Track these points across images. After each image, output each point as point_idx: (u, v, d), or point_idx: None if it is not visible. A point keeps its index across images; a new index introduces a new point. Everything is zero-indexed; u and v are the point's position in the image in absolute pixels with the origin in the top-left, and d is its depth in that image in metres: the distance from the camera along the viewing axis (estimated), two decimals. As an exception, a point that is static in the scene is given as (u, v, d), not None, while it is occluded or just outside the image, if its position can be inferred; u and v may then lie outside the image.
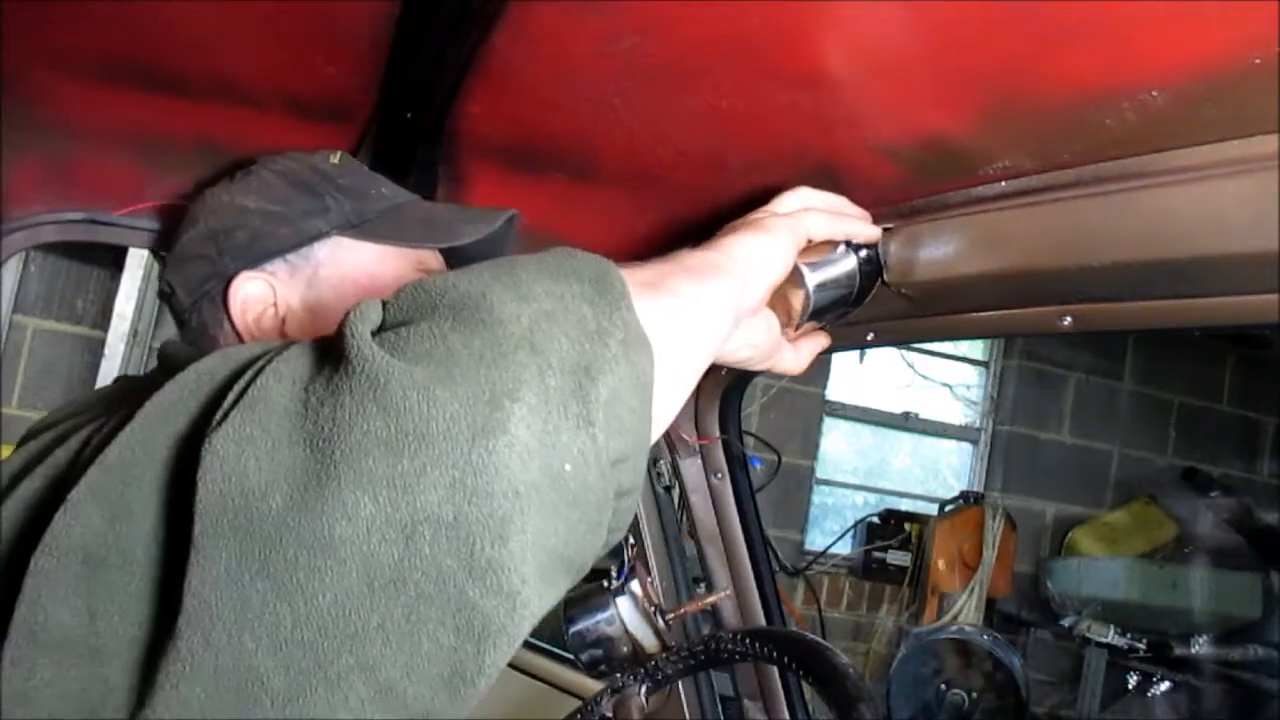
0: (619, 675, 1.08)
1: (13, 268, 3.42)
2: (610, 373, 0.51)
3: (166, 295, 0.92)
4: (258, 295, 0.86)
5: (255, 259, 0.86)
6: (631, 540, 1.42)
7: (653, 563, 1.46)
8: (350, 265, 0.88)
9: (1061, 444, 5.28)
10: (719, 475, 1.39)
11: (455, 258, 0.94)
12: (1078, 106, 0.68)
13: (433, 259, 0.93)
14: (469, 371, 0.46)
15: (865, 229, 0.89)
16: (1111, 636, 4.22)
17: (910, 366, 5.25)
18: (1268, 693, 4.04)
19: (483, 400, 0.45)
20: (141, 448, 0.50)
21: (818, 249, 0.86)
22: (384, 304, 0.53)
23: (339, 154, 0.94)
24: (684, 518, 1.49)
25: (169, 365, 0.80)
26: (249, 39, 0.88)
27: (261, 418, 0.46)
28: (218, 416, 0.47)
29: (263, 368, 0.49)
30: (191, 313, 0.89)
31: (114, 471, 0.49)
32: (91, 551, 0.48)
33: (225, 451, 0.45)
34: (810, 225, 0.83)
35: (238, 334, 0.85)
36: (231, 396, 0.48)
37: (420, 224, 0.91)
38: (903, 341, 2.51)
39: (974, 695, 3.99)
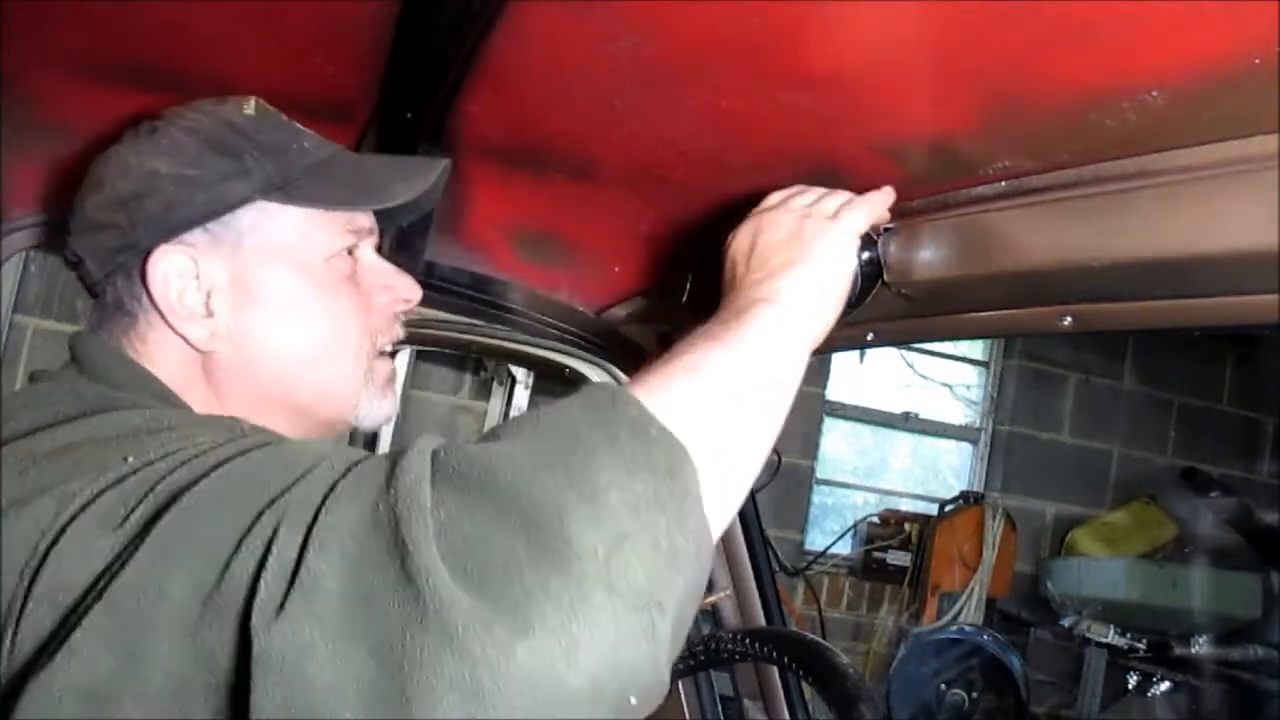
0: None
1: (13, 268, 3.42)
2: (679, 595, 0.51)
3: (73, 264, 0.85)
4: (179, 270, 0.79)
5: (171, 230, 0.80)
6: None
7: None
8: (277, 231, 0.82)
9: (1061, 444, 5.27)
10: (719, 475, 1.39)
11: (389, 213, 0.90)
12: (1078, 106, 0.68)
13: (365, 218, 0.88)
14: (547, 620, 0.46)
15: (885, 211, 0.89)
16: (1111, 636, 4.22)
17: (910, 366, 5.25)
18: (1268, 693, 4.03)
19: (559, 651, 0.45)
20: (155, 588, 0.49)
21: None
22: (434, 455, 0.52)
23: (253, 103, 0.86)
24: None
25: (93, 371, 0.77)
26: (249, 39, 0.88)
27: (319, 609, 0.45)
28: (261, 590, 0.46)
29: (310, 527, 0.48)
30: (105, 285, 0.82)
31: (125, 616, 0.49)
32: (99, 691, 0.48)
33: (285, 656, 0.44)
34: (855, 224, 0.83)
35: (160, 312, 0.80)
36: (273, 565, 0.47)
37: (349, 182, 0.85)
38: (903, 341, 2.51)
39: (974, 695, 3.98)
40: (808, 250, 0.79)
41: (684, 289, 1.20)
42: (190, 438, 0.61)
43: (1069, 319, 0.83)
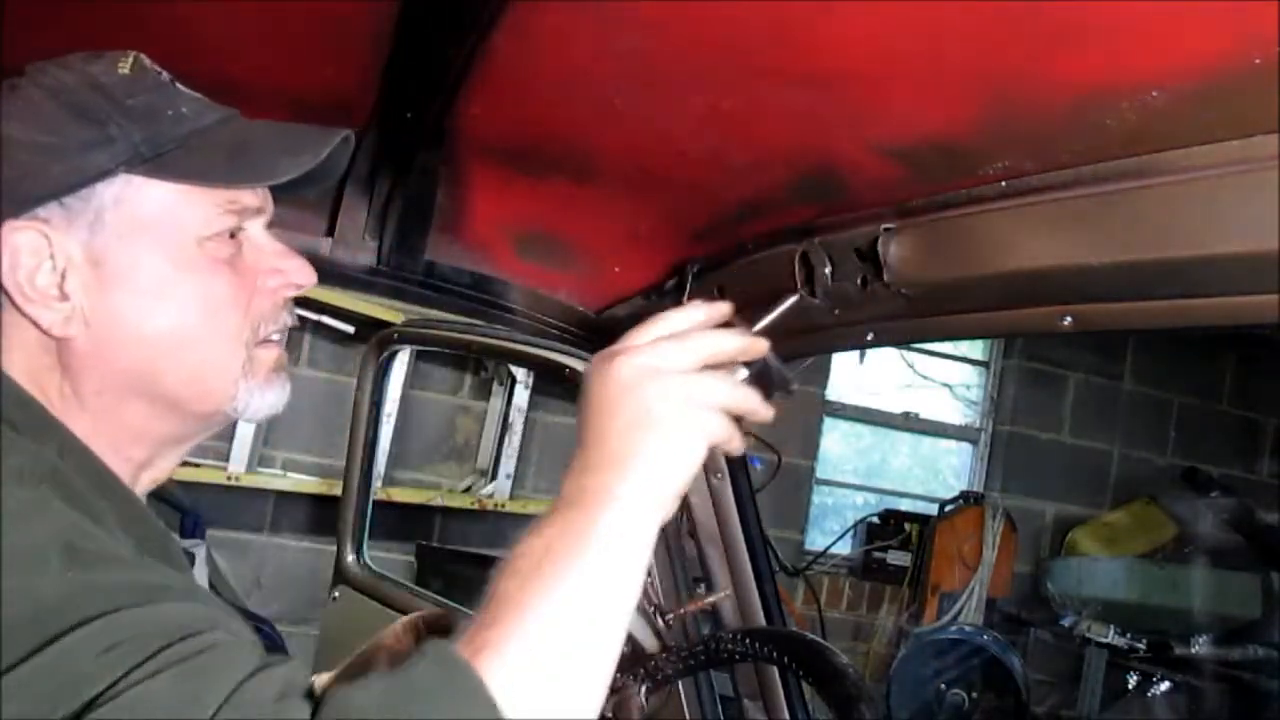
0: (619, 675, 1.08)
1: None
2: None
3: None
4: (30, 247, 0.73)
5: (21, 203, 0.72)
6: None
7: (653, 563, 1.46)
8: (143, 207, 0.75)
9: (1061, 444, 5.27)
10: (719, 475, 1.39)
11: (284, 185, 0.81)
12: (1078, 106, 0.68)
13: (251, 196, 0.79)
14: None
15: (751, 347, 0.76)
16: (1111, 636, 4.22)
17: (910, 366, 5.25)
18: (1268, 693, 4.03)
19: None
20: None
21: None
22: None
23: (131, 59, 0.77)
24: (684, 518, 1.49)
25: None
26: (249, 39, 0.88)
27: None
28: None
29: None
30: None
31: None
32: None
33: None
34: (717, 400, 0.70)
35: (8, 294, 0.73)
36: None
37: (230, 155, 0.77)
38: (903, 341, 2.51)
39: (974, 695, 3.98)
40: (658, 439, 0.68)
41: (684, 289, 1.20)
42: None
43: (1069, 319, 0.83)
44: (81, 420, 0.75)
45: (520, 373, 3.81)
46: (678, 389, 0.70)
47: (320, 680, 0.61)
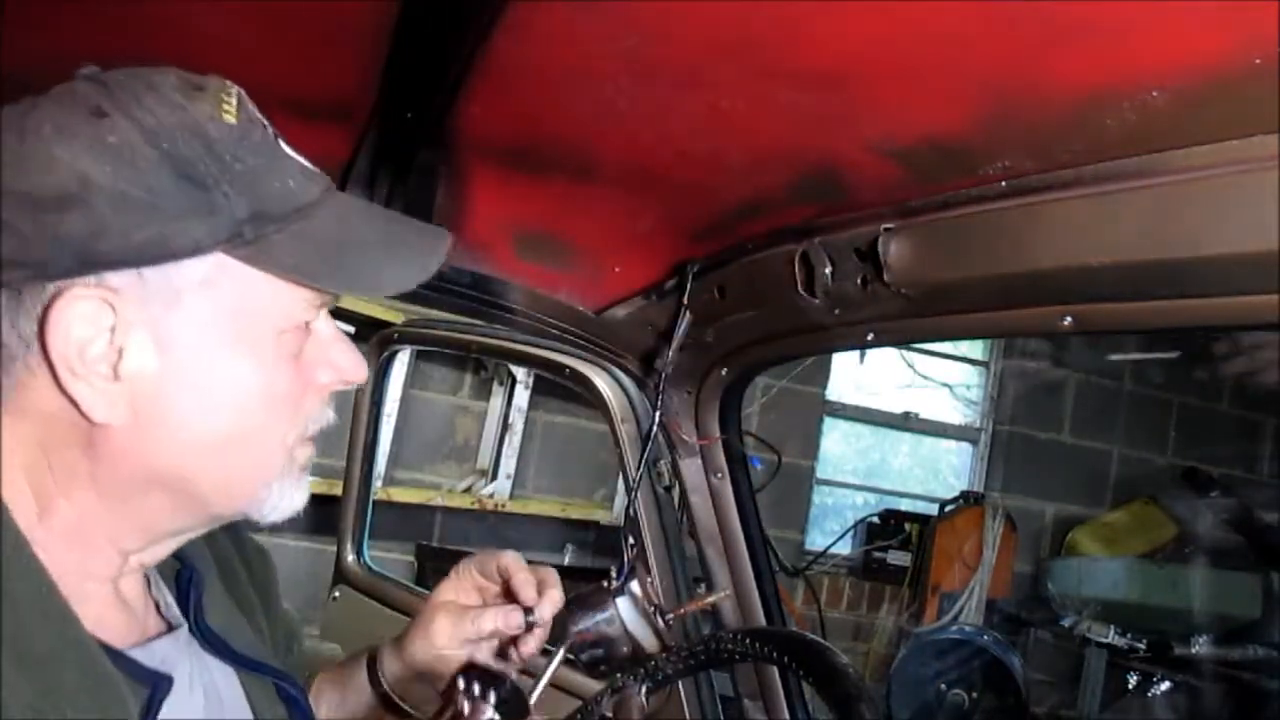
0: (619, 675, 1.08)
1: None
2: None
3: None
4: (90, 316, 0.62)
5: (92, 263, 0.61)
6: (631, 540, 1.42)
7: (653, 563, 1.46)
8: (231, 295, 0.65)
9: (1061, 444, 5.27)
10: (719, 475, 1.39)
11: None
12: (1078, 106, 0.68)
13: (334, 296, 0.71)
14: None
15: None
16: (1111, 636, 4.22)
17: (910, 366, 5.25)
18: (1268, 693, 4.03)
19: None
20: None
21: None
22: None
23: (235, 99, 0.66)
24: (684, 518, 1.49)
25: None
26: (249, 39, 0.88)
27: None
28: None
29: None
30: None
31: None
32: None
33: None
34: None
35: (49, 363, 0.62)
36: None
37: (336, 253, 0.68)
38: (903, 341, 2.51)
39: (974, 695, 3.98)
40: None
41: (684, 289, 1.20)
42: None
43: (1069, 319, 0.83)
44: (80, 502, 0.66)
45: (520, 373, 3.81)
46: None
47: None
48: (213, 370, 0.66)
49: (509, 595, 0.98)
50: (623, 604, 1.09)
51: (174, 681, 0.69)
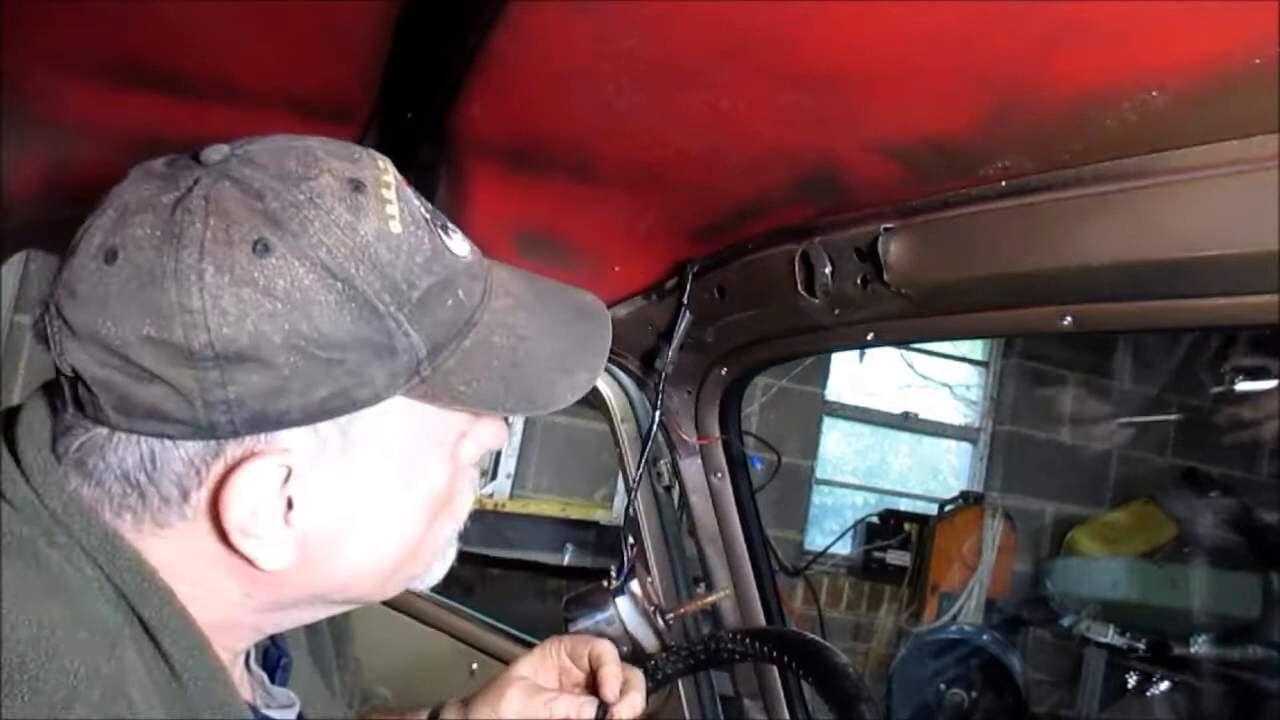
0: (619, 675, 1.08)
1: (13, 268, 3.42)
2: None
3: (73, 382, 0.56)
4: (266, 479, 0.57)
5: (264, 424, 0.55)
6: (631, 540, 1.42)
7: (653, 563, 1.46)
8: (404, 432, 0.61)
9: (1061, 444, 5.28)
10: (719, 475, 1.39)
11: None
12: (1078, 106, 0.68)
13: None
14: None
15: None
16: (1111, 636, 4.22)
17: (910, 366, 5.25)
18: (1268, 693, 4.04)
19: None
20: None
21: None
22: None
23: (392, 185, 0.59)
24: (684, 518, 1.49)
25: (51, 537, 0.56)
26: (249, 39, 0.88)
27: None
28: None
29: None
30: (115, 434, 0.56)
31: None
32: None
33: None
34: None
35: (220, 531, 0.58)
36: None
37: (509, 373, 0.63)
38: (903, 341, 2.51)
39: (974, 695, 3.99)
40: None
41: (684, 289, 1.20)
42: None
43: (1069, 319, 0.83)
44: (228, 611, 0.63)
45: (520, 372, 3.81)
46: None
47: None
48: (384, 505, 0.63)
49: (590, 684, 0.92)
50: (623, 604, 1.09)
51: None
